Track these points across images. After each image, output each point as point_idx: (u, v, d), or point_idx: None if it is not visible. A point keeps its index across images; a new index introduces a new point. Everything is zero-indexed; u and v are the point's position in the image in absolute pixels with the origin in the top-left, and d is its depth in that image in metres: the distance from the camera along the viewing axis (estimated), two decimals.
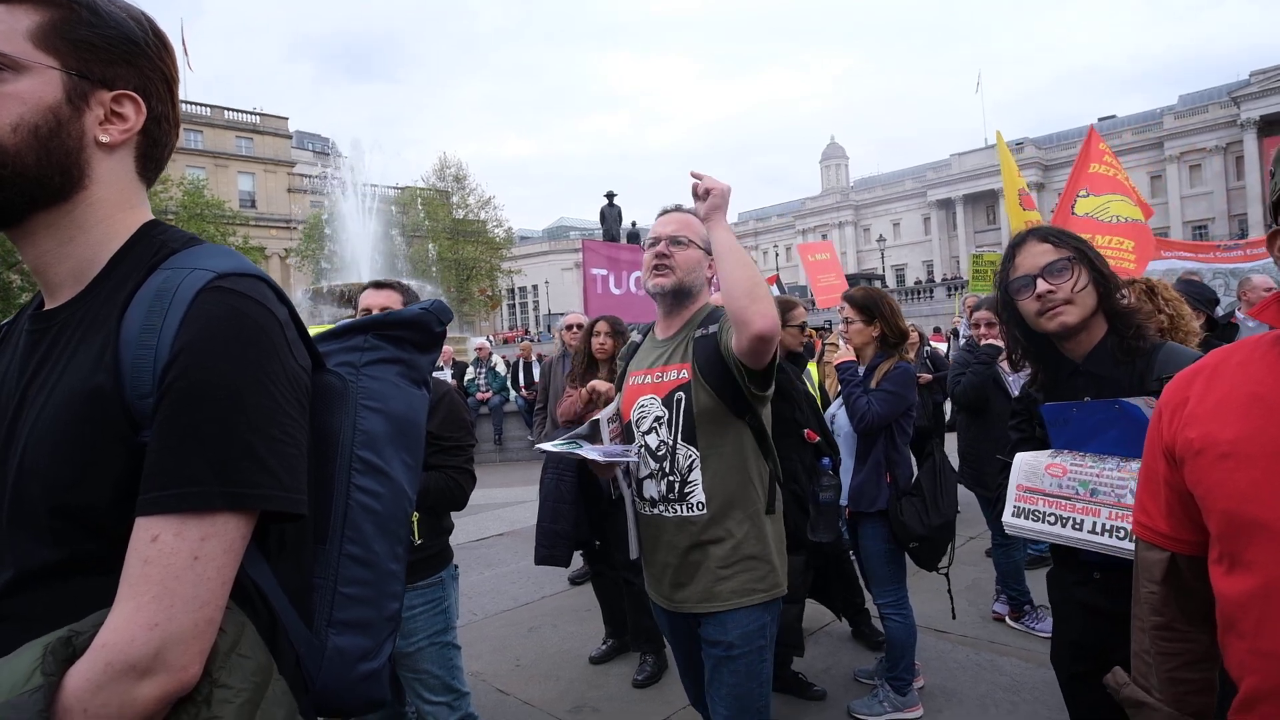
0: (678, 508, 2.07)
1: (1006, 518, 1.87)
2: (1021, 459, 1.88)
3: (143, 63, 0.96)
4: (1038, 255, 1.82)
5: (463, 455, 2.60)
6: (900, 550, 3.28)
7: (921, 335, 7.01)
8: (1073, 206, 7.02)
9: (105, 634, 0.78)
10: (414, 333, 1.18)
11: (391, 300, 2.58)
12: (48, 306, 0.96)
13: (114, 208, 0.95)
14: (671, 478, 2.07)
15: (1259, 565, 1.00)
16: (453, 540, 2.73)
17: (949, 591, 3.55)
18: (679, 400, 2.07)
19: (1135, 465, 1.60)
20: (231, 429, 0.84)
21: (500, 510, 8.10)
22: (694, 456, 2.05)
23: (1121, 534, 1.61)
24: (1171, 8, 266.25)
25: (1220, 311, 6.57)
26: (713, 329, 2.08)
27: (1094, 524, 1.67)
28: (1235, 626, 1.05)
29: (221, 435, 0.83)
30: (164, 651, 0.78)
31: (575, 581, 5.45)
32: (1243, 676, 1.04)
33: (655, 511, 2.12)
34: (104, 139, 0.93)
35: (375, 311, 2.54)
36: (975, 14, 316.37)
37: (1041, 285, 1.78)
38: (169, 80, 1.00)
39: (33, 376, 0.90)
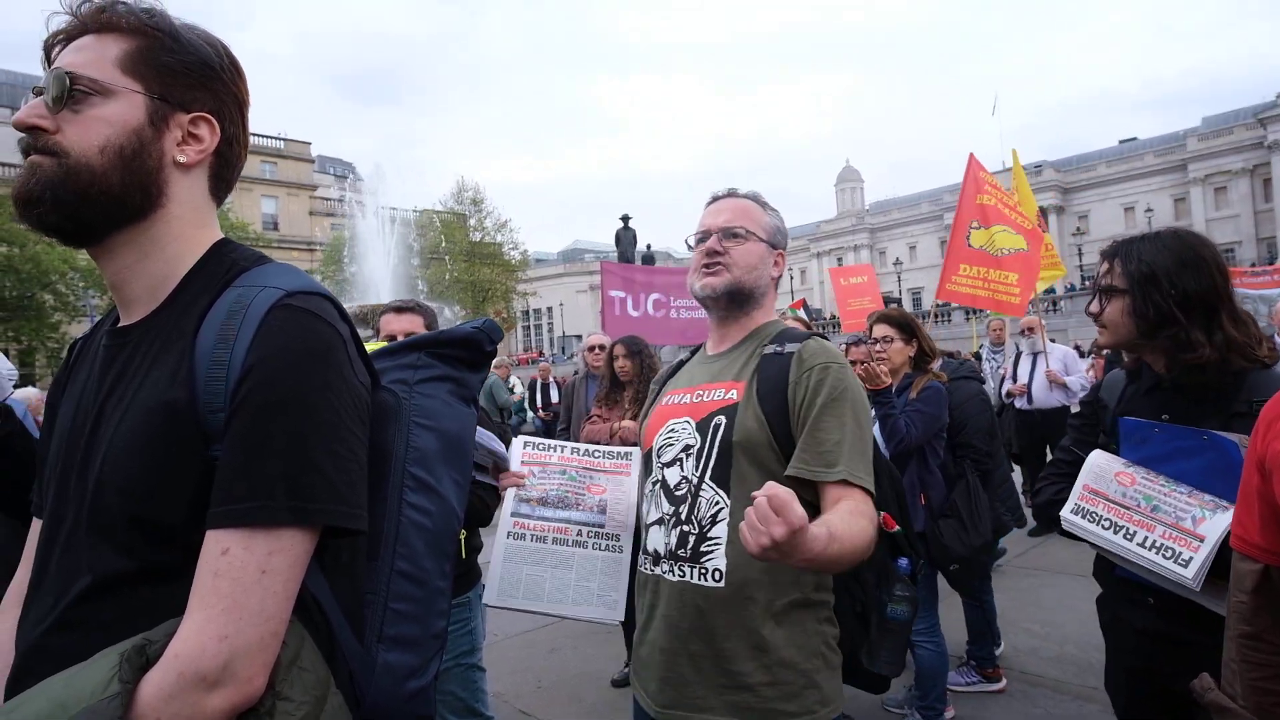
0: (686, 570, 1.55)
1: (1065, 514, 1.81)
2: (1095, 460, 1.82)
3: (218, 87, 1.00)
4: (1101, 271, 1.89)
5: (486, 471, 2.60)
6: (933, 575, 3.23)
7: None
8: (967, 239, 7.10)
9: (177, 644, 0.81)
10: (466, 351, 1.19)
11: (414, 324, 2.56)
12: (123, 322, 0.98)
13: (189, 225, 0.99)
14: (686, 527, 1.57)
15: None
16: (480, 559, 2.69)
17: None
18: (717, 426, 1.58)
19: (1206, 496, 1.59)
20: (300, 445, 0.86)
21: None
22: (721, 505, 1.54)
23: (1169, 554, 1.58)
24: (1180, 31, 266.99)
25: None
26: (789, 348, 1.60)
27: (1145, 538, 1.64)
28: None
29: (290, 451, 0.85)
30: (232, 663, 0.80)
31: None
32: None
33: (656, 571, 1.63)
34: (181, 159, 0.97)
35: (399, 337, 2.54)
36: (987, 39, 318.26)
37: (1094, 306, 1.87)
38: (241, 104, 1.04)
39: (110, 390, 0.93)
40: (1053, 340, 7.66)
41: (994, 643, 3.97)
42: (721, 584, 1.51)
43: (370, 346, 1.13)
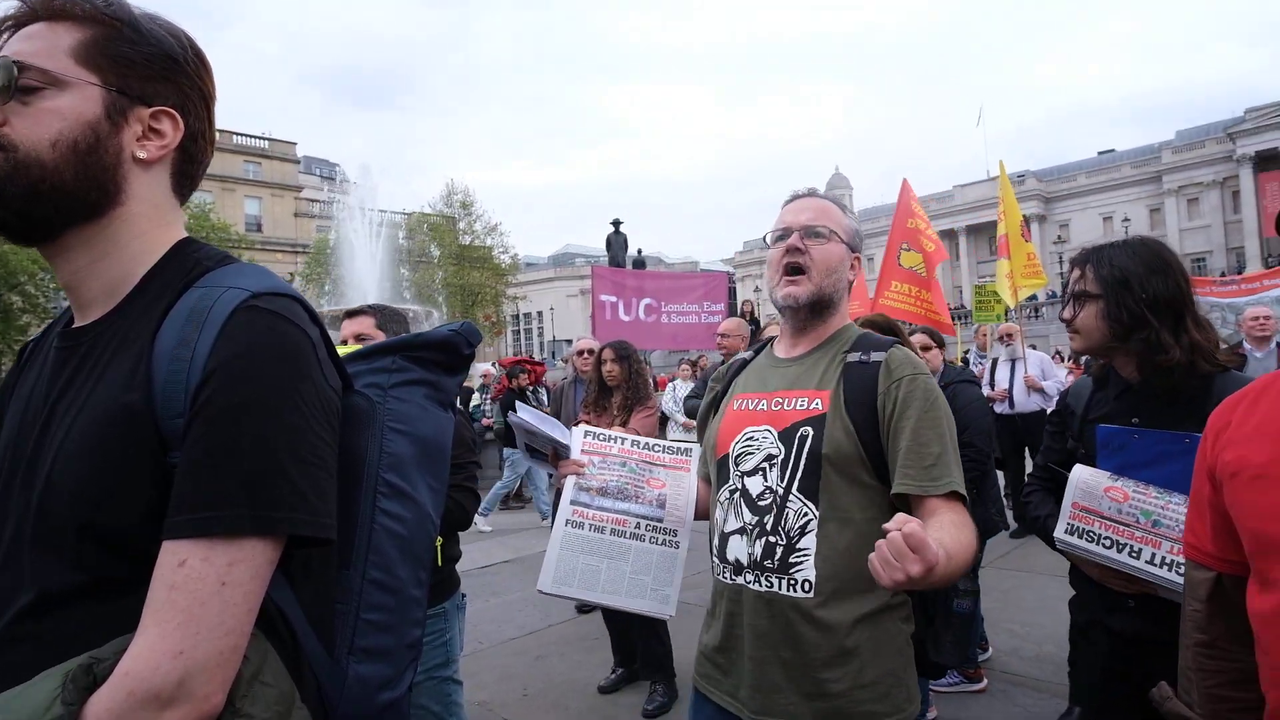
0: (774, 581, 1.55)
1: (1059, 534, 1.80)
2: (1080, 476, 1.81)
3: (181, 80, 0.96)
4: (1073, 279, 1.94)
5: (463, 473, 2.54)
6: None
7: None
8: (898, 259, 7.64)
9: (128, 661, 0.76)
10: (442, 354, 1.16)
11: (364, 326, 2.55)
12: (78, 323, 0.94)
13: (149, 224, 0.95)
14: (773, 538, 1.57)
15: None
16: (458, 567, 2.69)
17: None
18: (804, 437, 1.57)
19: None
20: (262, 451, 0.83)
21: (506, 537, 8.06)
22: (810, 516, 1.54)
23: (1183, 569, 1.56)
24: (1157, 49, 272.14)
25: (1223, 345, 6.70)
26: (875, 357, 1.60)
27: (1154, 555, 1.65)
28: (1261, 643, 1.09)
29: (252, 457, 0.82)
30: (188, 680, 0.76)
31: (583, 609, 5.40)
32: (1269, 691, 1.07)
33: (737, 580, 1.62)
34: (141, 155, 0.93)
35: (350, 340, 2.52)
36: (975, 54, 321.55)
37: (1067, 312, 1.91)
38: (207, 98, 1.00)
39: (61, 393, 0.89)
40: (1033, 347, 7.86)
41: (975, 644, 4.03)
42: (811, 594, 1.52)
43: (343, 350, 1.11)
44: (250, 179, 44.94)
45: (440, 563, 2.52)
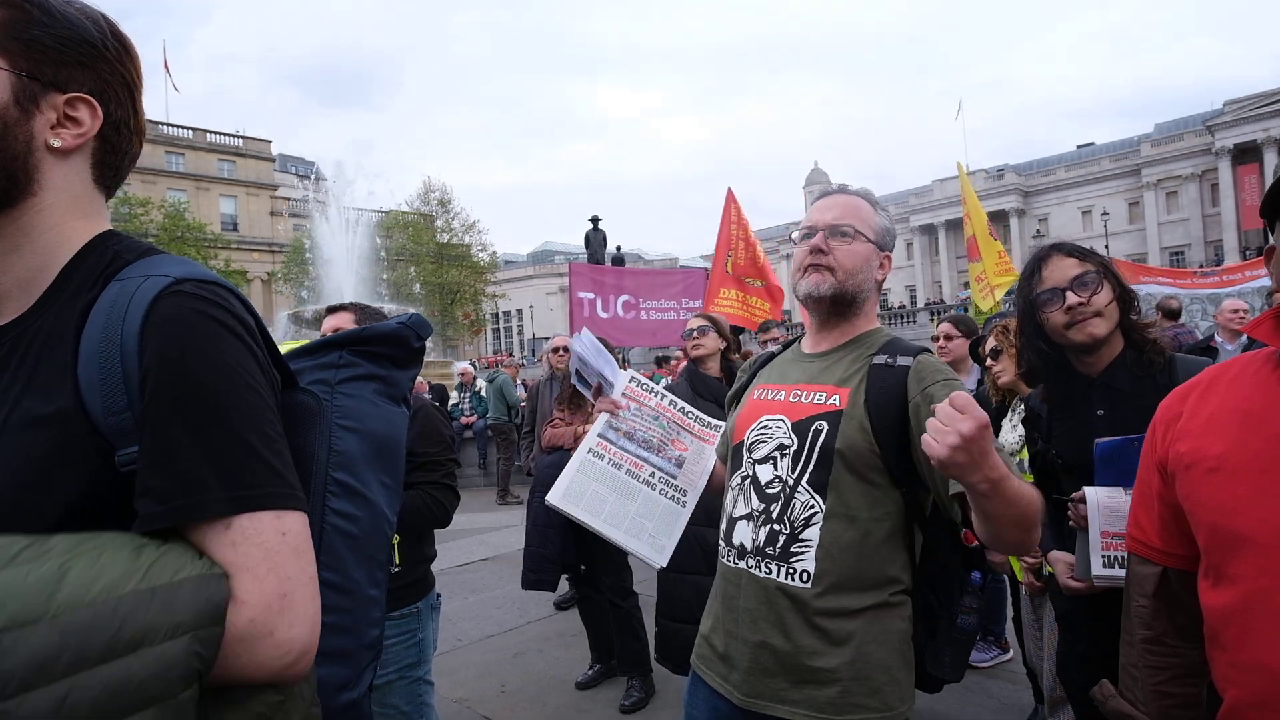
0: (773, 568, 1.58)
1: (1097, 570, 1.71)
2: (1099, 500, 1.73)
3: (100, 66, 0.91)
4: (1066, 268, 1.87)
5: (440, 470, 2.51)
6: None
7: None
8: (726, 266, 8.21)
9: (239, 593, 0.78)
10: (391, 348, 1.13)
11: (344, 322, 2.50)
12: None
13: (66, 215, 0.90)
14: (777, 526, 1.59)
15: (1240, 578, 1.02)
16: (436, 565, 2.67)
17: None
18: (818, 431, 1.58)
19: None
20: (228, 431, 0.81)
21: (485, 535, 8.02)
22: (816, 509, 1.55)
23: None
24: (1134, 43, 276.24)
25: (1199, 335, 6.81)
26: (902, 361, 1.59)
27: None
28: (1218, 639, 1.07)
29: (223, 438, 0.81)
30: (295, 626, 0.80)
31: (561, 606, 5.39)
32: (1226, 689, 1.05)
33: (740, 564, 1.65)
34: (56, 144, 0.88)
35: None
36: (950, 50, 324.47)
37: (1071, 298, 1.82)
38: (130, 85, 0.95)
39: None
40: None
41: (1002, 620, 4.22)
42: (809, 585, 1.53)
43: (285, 346, 1.07)
44: (225, 178, 44.43)
45: (414, 564, 2.49)
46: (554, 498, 1.97)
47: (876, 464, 1.53)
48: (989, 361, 3.06)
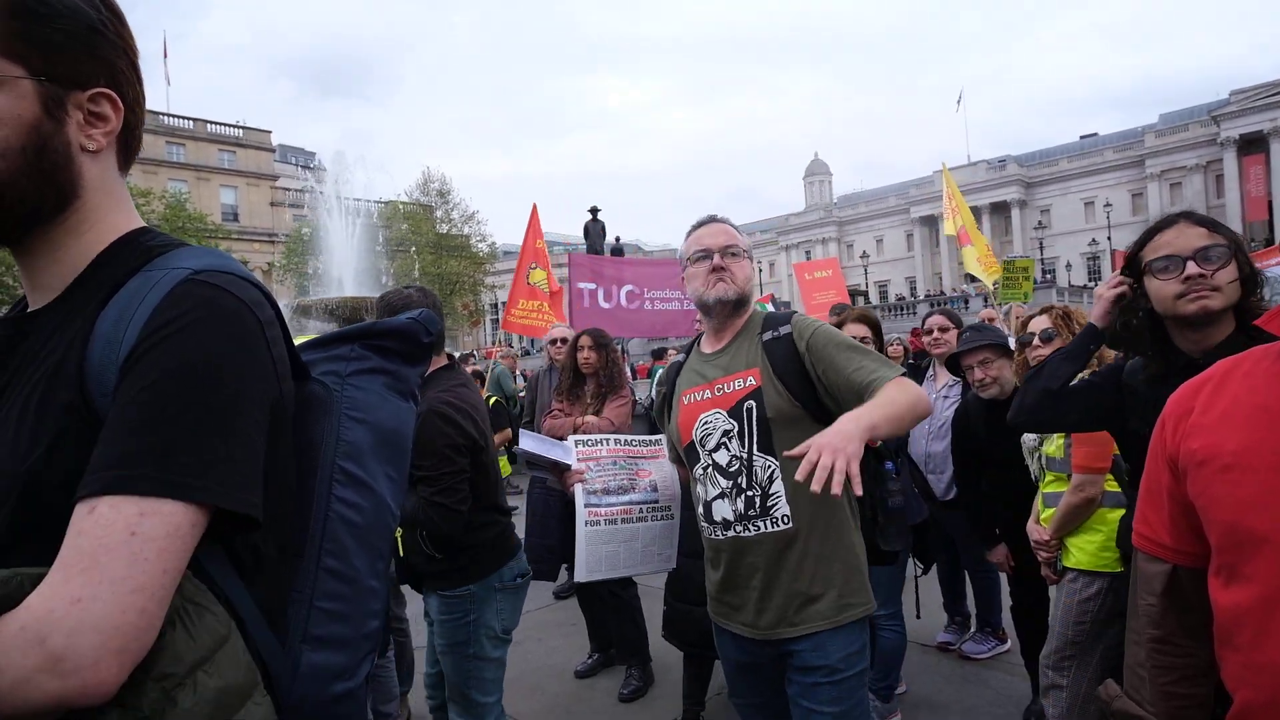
0: (760, 524, 1.92)
1: None
2: None
3: (106, 49, 0.89)
4: (1191, 237, 1.72)
5: (432, 487, 2.32)
6: (900, 566, 3.29)
7: (906, 348, 7.10)
8: (527, 277, 8.99)
9: (33, 597, 0.70)
10: (401, 343, 1.14)
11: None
12: (31, 308, 0.91)
13: (103, 211, 0.92)
14: (750, 493, 1.92)
15: (1258, 578, 0.99)
16: None
17: (915, 595, 3.72)
18: (749, 409, 1.94)
19: None
20: (188, 416, 0.78)
21: None
22: (773, 467, 1.91)
23: None
24: (1130, 38, 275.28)
25: None
26: (784, 330, 1.98)
27: None
28: (1231, 640, 1.04)
29: (172, 420, 0.77)
30: (77, 635, 0.68)
31: (560, 595, 5.41)
32: (1237, 690, 1.03)
33: (731, 534, 1.96)
34: (91, 147, 0.88)
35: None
36: (952, 40, 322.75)
37: (1192, 268, 1.68)
38: (131, 56, 0.93)
39: (9, 381, 0.85)
40: None
41: (999, 610, 4.16)
42: (791, 525, 1.90)
43: (299, 339, 1.08)
44: (226, 168, 44.26)
45: (459, 551, 2.44)
46: (580, 575, 2.35)
47: (800, 413, 1.90)
48: (1037, 342, 2.88)
